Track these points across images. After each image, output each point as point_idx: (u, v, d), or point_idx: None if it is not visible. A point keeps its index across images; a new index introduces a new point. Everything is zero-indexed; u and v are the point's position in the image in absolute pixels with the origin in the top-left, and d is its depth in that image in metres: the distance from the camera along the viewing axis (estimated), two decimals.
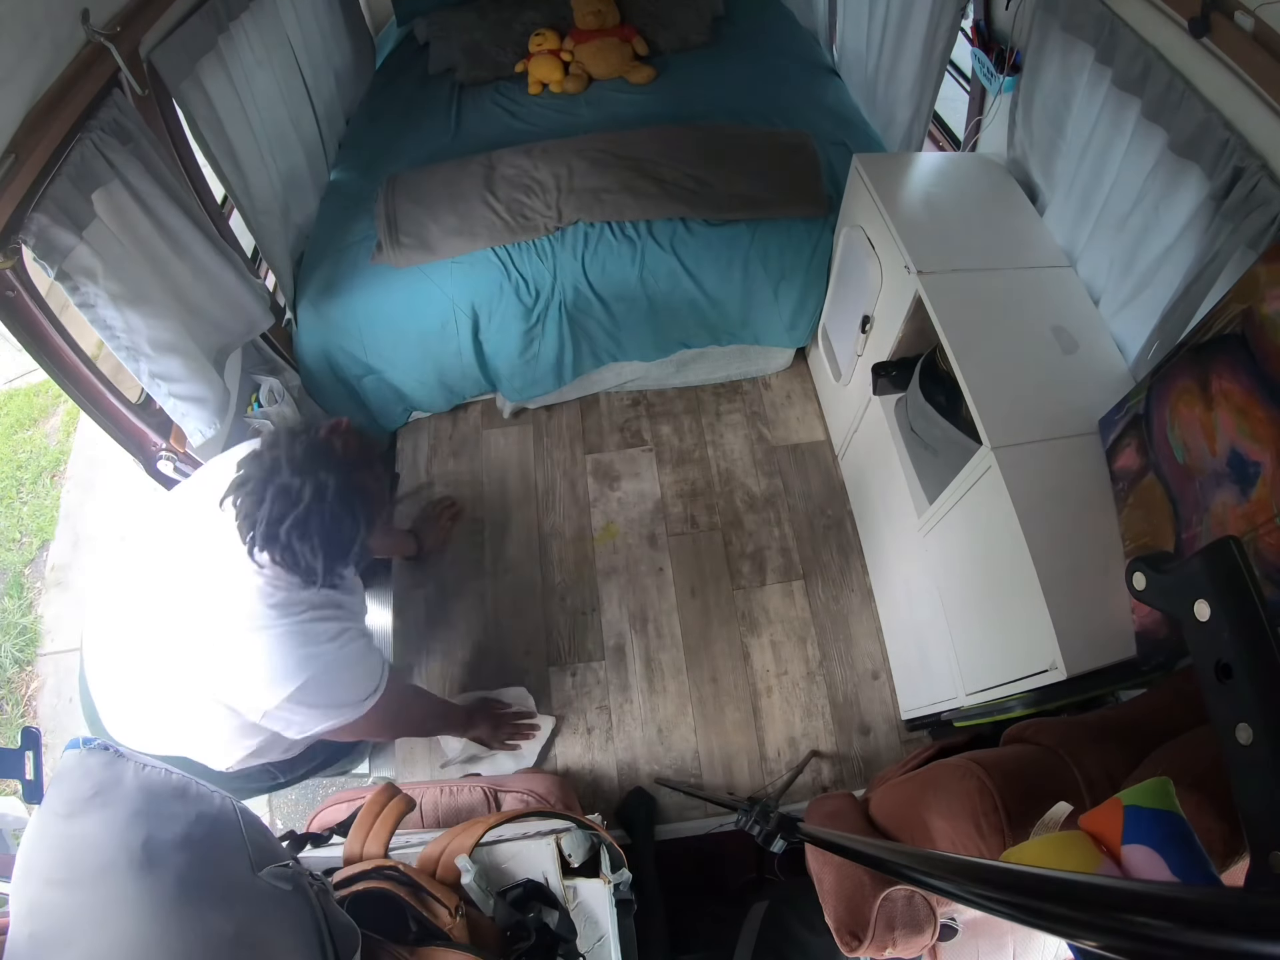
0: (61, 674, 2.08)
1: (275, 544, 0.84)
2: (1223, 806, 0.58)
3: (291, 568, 0.87)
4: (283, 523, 0.83)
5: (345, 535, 0.88)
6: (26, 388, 2.78)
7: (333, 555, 0.87)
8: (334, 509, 0.85)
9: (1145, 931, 0.26)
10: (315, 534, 0.85)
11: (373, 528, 0.91)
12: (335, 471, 0.86)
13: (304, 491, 0.84)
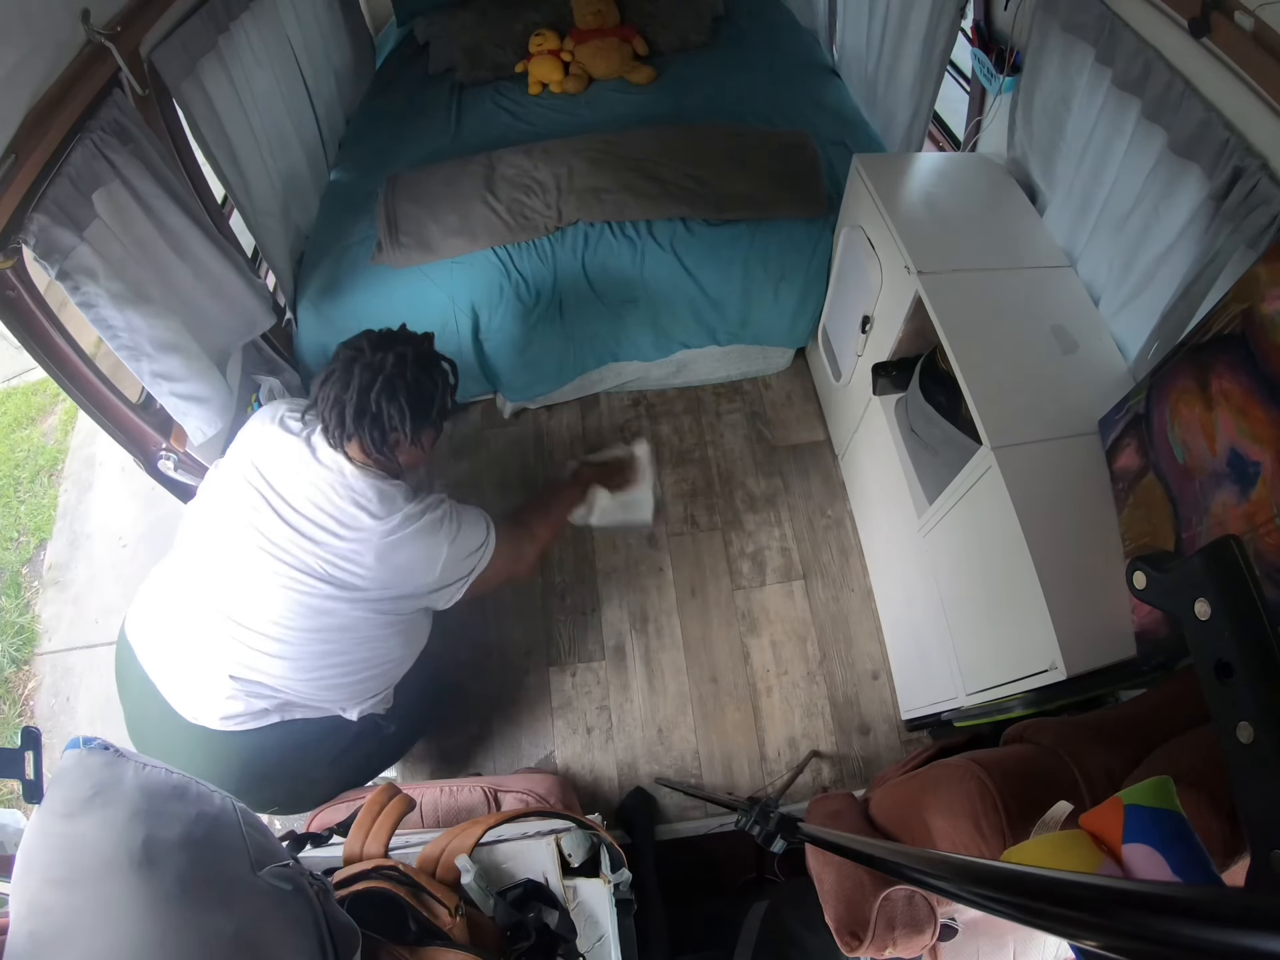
0: (59, 673, 2.08)
1: (365, 416, 0.97)
2: (1223, 805, 0.58)
3: (379, 441, 0.99)
4: (371, 390, 0.97)
5: (427, 394, 1.02)
6: (24, 386, 2.78)
7: (418, 416, 1.01)
8: (414, 373, 1.01)
9: (1146, 931, 0.26)
10: (401, 393, 0.99)
11: (449, 394, 1.07)
12: (410, 344, 1.03)
13: (387, 360, 0.99)
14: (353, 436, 0.99)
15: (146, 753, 0.96)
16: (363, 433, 0.98)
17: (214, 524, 1.02)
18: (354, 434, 0.99)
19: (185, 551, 1.04)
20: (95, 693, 2.04)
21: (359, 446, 1.00)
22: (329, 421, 0.99)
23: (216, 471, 1.08)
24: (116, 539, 2.29)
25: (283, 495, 0.99)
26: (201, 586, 1.00)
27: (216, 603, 0.98)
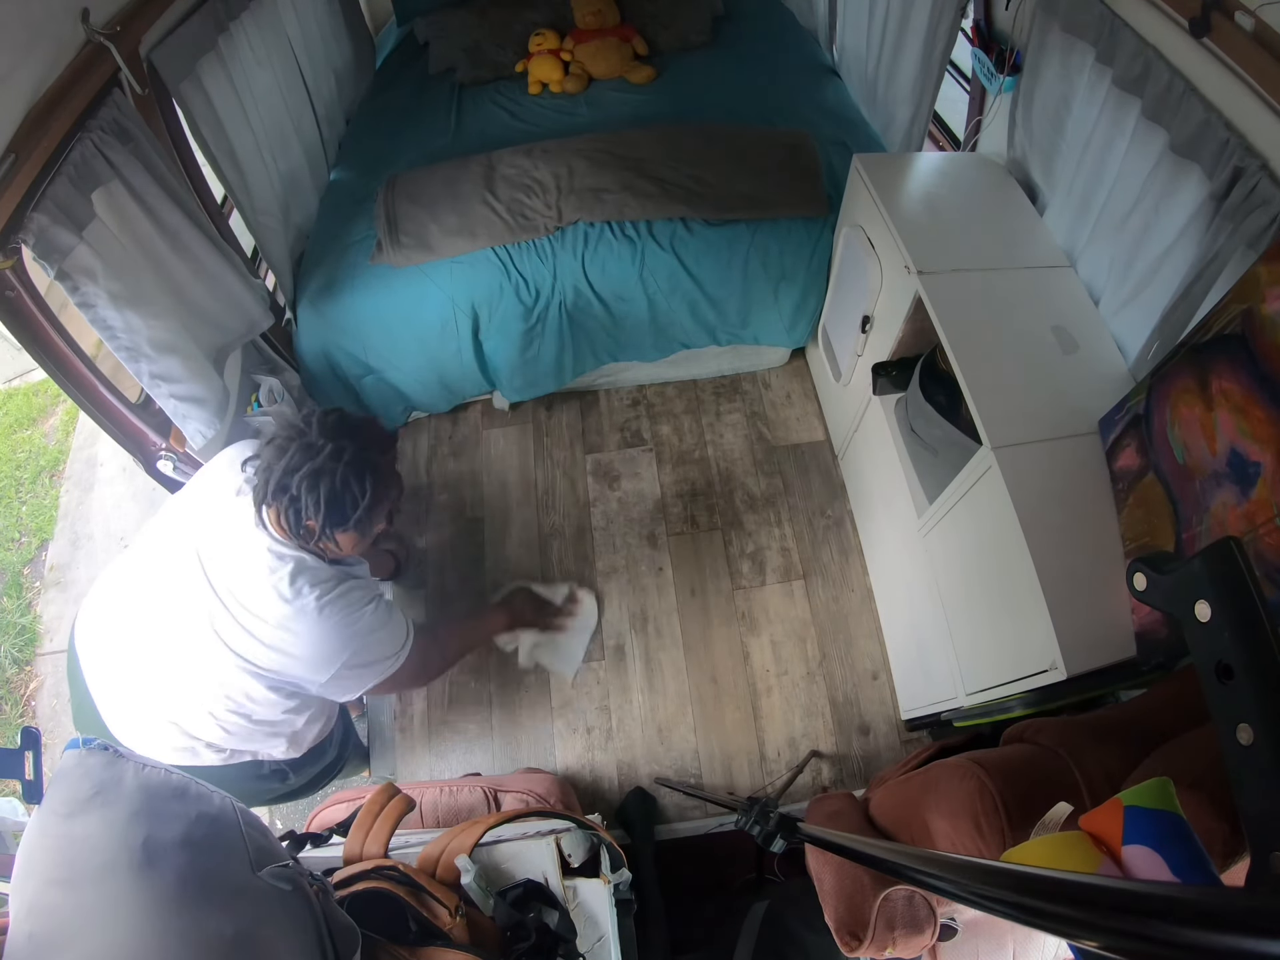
0: (60, 674, 2.08)
1: (284, 494, 0.93)
2: (1223, 807, 0.58)
3: (293, 523, 0.94)
4: (296, 473, 0.93)
5: (348, 500, 0.96)
6: (25, 387, 2.78)
7: (333, 516, 0.95)
8: (345, 473, 0.95)
9: (1146, 931, 0.26)
10: (322, 489, 0.94)
11: (376, 507, 0.99)
12: (355, 442, 0.97)
13: (324, 450, 0.95)
14: (270, 507, 0.95)
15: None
16: (280, 508, 0.94)
17: (159, 563, 1.00)
18: (272, 505, 0.95)
19: (133, 575, 1.02)
20: None
21: (275, 519, 0.96)
22: (255, 483, 0.96)
23: (177, 502, 1.05)
24: (118, 540, 2.29)
25: (214, 561, 0.97)
26: (138, 625, 0.99)
27: (151, 645, 0.97)
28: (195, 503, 1.02)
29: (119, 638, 0.99)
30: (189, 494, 1.05)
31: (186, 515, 1.01)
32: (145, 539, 1.04)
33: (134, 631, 0.98)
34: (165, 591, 0.97)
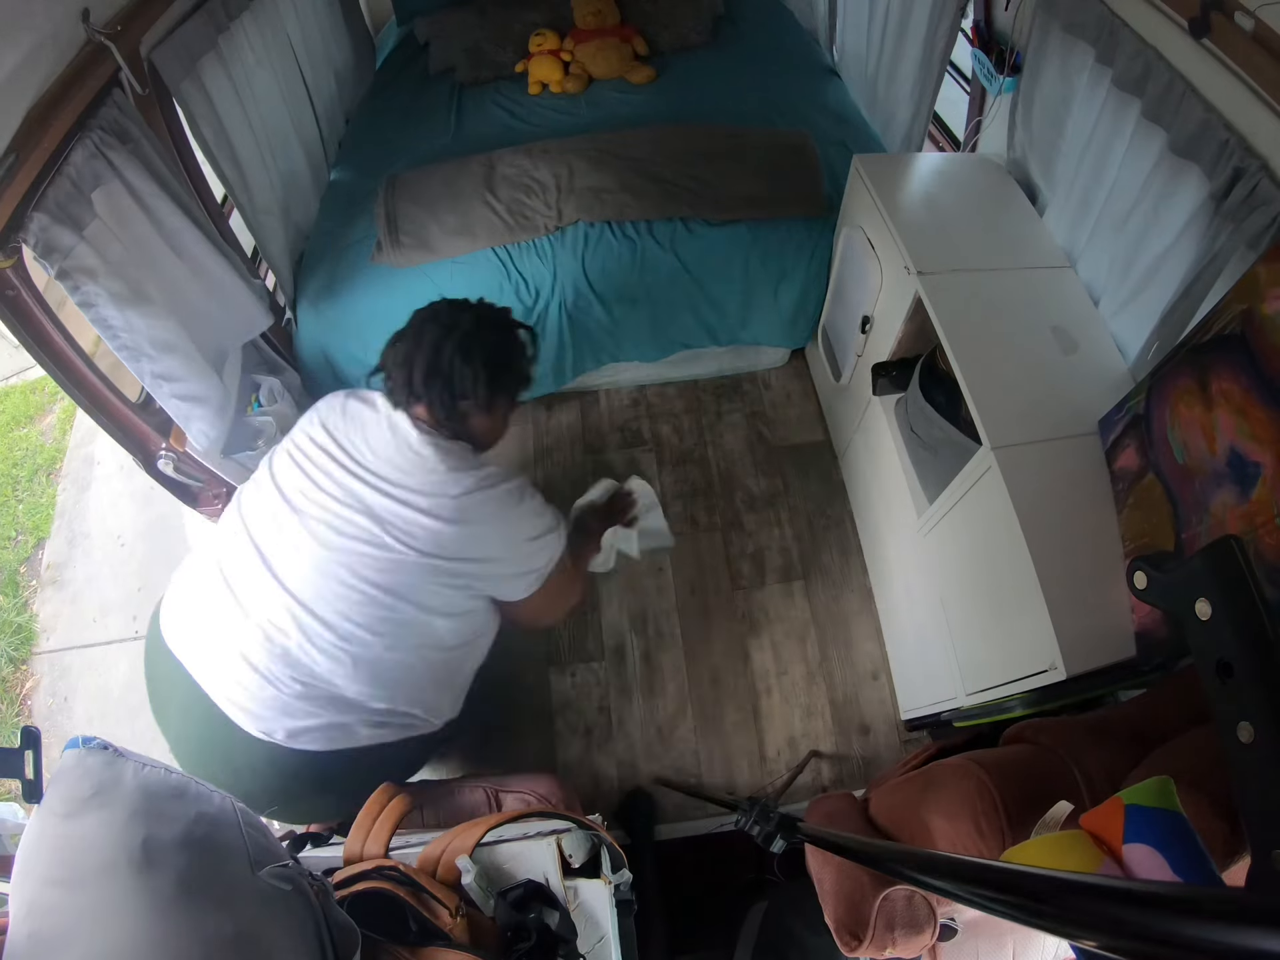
0: (57, 673, 2.08)
1: (437, 375, 0.89)
2: (1223, 806, 0.58)
3: (448, 406, 0.90)
4: (444, 347, 0.89)
5: (504, 357, 0.94)
6: (22, 385, 2.78)
7: (495, 379, 0.92)
8: (493, 333, 0.93)
9: (1145, 931, 0.26)
10: (477, 354, 0.90)
11: (525, 367, 0.97)
12: (485, 309, 0.96)
13: (463, 318, 0.92)
14: (420, 398, 0.91)
15: (200, 766, 0.92)
16: (432, 395, 0.90)
17: (272, 513, 0.92)
18: (422, 395, 0.90)
19: (235, 545, 0.94)
20: (93, 692, 2.03)
21: (427, 411, 0.92)
22: (396, 381, 0.91)
23: (273, 459, 0.99)
24: (115, 538, 2.29)
25: (352, 459, 0.91)
26: (255, 583, 0.91)
27: (277, 600, 0.89)
28: (305, 442, 0.95)
29: (237, 617, 0.90)
30: (292, 444, 0.97)
31: (297, 457, 0.94)
32: (247, 515, 0.95)
33: (257, 594, 0.90)
34: (296, 536, 0.90)
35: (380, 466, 0.90)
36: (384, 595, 0.89)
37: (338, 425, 0.95)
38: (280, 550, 0.91)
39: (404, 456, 0.90)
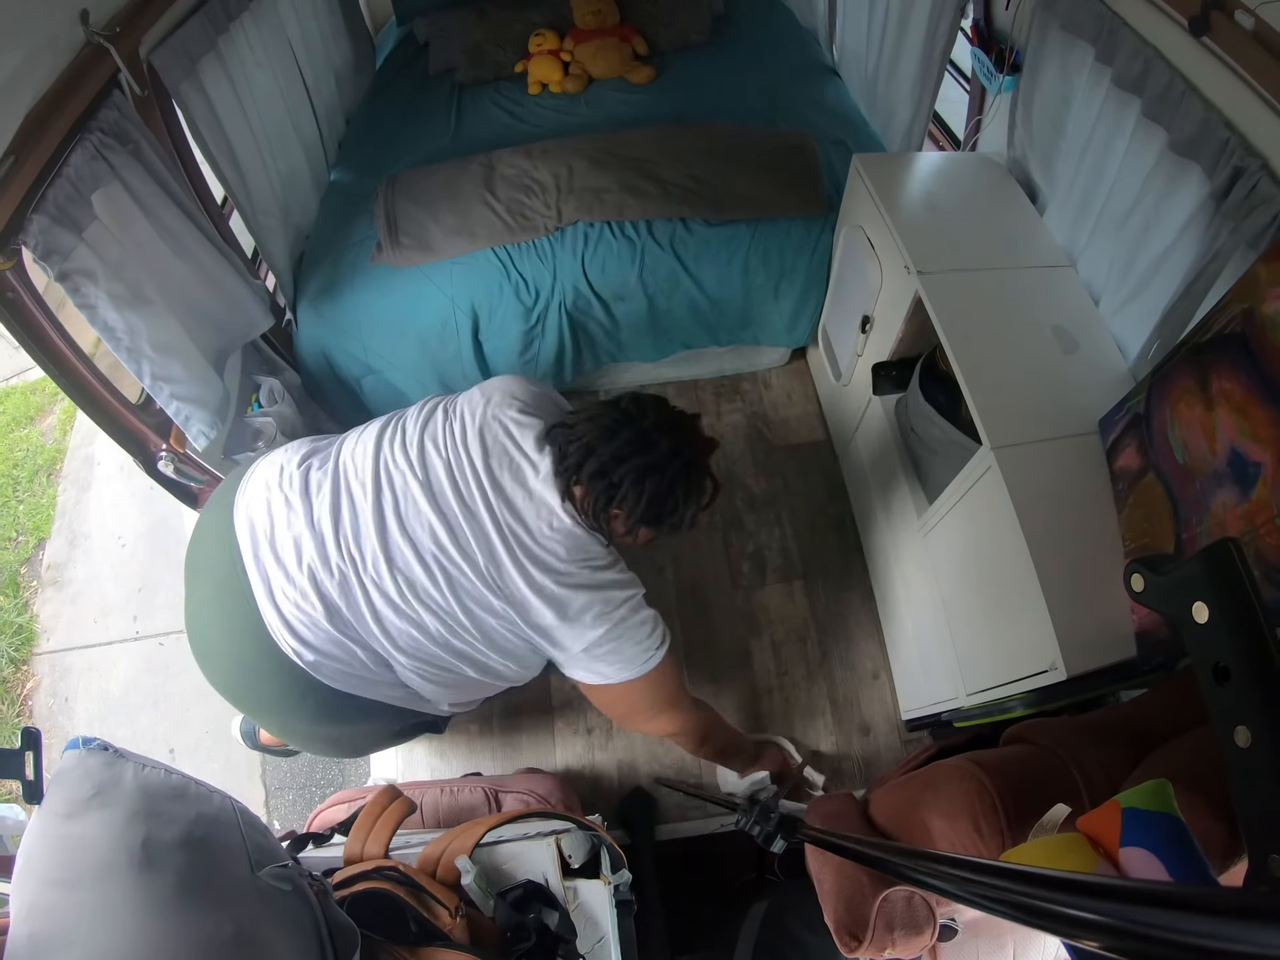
0: (57, 674, 2.08)
1: (603, 479, 0.89)
2: (1221, 809, 0.58)
3: (597, 508, 0.90)
4: (624, 463, 0.89)
5: (670, 502, 0.92)
6: (22, 385, 2.78)
7: (648, 514, 0.91)
8: (675, 475, 0.91)
9: (1145, 931, 0.26)
10: (648, 486, 0.90)
11: (691, 512, 0.96)
12: (691, 444, 0.94)
13: (658, 447, 0.90)
14: (580, 485, 0.91)
15: (206, 650, 0.97)
16: (592, 490, 0.90)
17: (402, 473, 0.93)
18: (585, 485, 0.91)
19: (357, 481, 0.94)
20: (94, 693, 2.04)
21: (581, 496, 0.92)
22: (569, 455, 0.91)
23: (423, 411, 1.01)
24: (115, 539, 2.30)
25: (496, 488, 0.92)
26: (361, 523, 0.91)
27: (371, 546, 0.90)
28: (460, 423, 0.96)
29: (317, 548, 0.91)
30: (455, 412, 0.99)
31: (447, 433, 0.95)
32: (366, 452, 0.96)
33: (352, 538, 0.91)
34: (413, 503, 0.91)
35: (520, 523, 0.91)
36: (462, 615, 0.92)
37: (493, 445, 0.95)
38: (397, 512, 0.92)
39: (548, 527, 0.92)
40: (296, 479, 0.96)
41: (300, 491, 0.94)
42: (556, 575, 0.91)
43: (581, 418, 0.94)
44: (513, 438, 0.95)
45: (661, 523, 0.94)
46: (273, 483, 0.97)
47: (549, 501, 0.92)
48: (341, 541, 0.91)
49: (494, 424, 0.97)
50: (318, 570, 0.90)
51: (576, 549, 0.92)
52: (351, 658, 0.92)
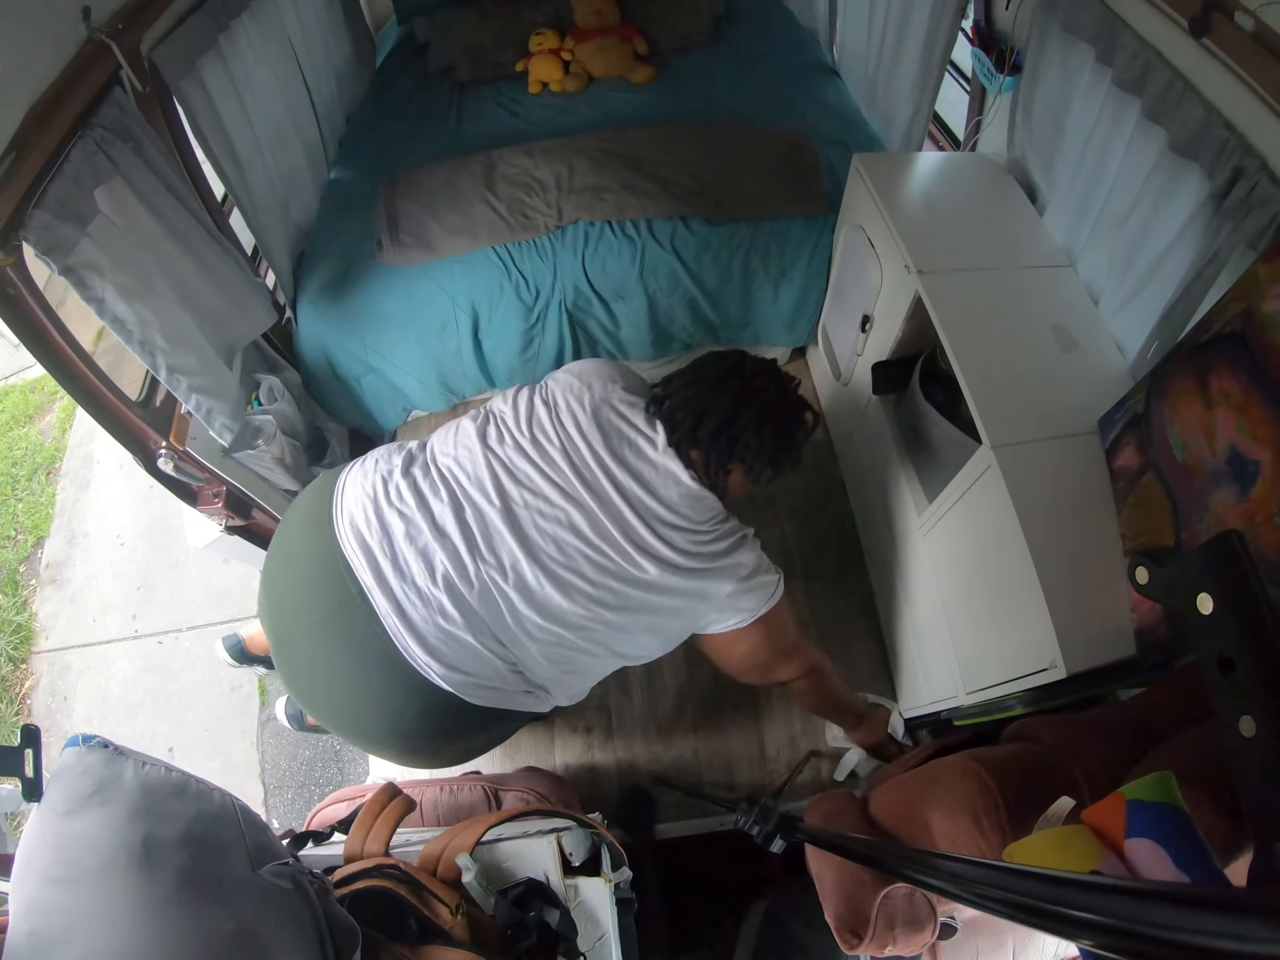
0: (56, 672, 2.08)
1: (724, 434, 0.95)
2: (1224, 802, 0.58)
3: (718, 464, 0.96)
4: (742, 412, 0.96)
5: (793, 436, 1.01)
6: (21, 384, 2.78)
7: (778, 453, 0.99)
8: (791, 410, 1.00)
9: (1146, 931, 0.26)
10: (770, 427, 0.97)
11: (807, 440, 1.04)
12: (789, 380, 1.02)
13: (769, 388, 0.98)
14: (700, 447, 0.96)
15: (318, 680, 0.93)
16: (713, 450, 0.95)
17: (526, 472, 0.93)
18: (704, 447, 0.95)
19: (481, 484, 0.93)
20: (93, 691, 2.03)
21: (701, 459, 0.97)
22: (681, 423, 0.95)
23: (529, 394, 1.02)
24: (114, 537, 2.29)
25: (616, 470, 0.94)
26: (490, 528, 0.90)
27: (507, 550, 0.89)
28: (575, 404, 0.97)
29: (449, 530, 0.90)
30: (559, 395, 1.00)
31: (564, 417, 0.97)
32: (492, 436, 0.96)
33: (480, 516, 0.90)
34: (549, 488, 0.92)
35: (651, 495, 0.94)
36: (612, 599, 0.93)
37: (608, 424, 0.97)
38: (529, 511, 0.92)
39: (676, 496, 0.95)
40: (406, 492, 0.93)
41: (416, 505, 0.92)
42: (693, 535, 0.95)
43: (679, 385, 1.00)
44: (625, 418, 0.98)
45: (784, 462, 1.02)
46: (376, 495, 0.94)
47: (673, 470, 0.95)
48: (476, 550, 0.90)
49: (604, 408, 0.99)
50: (455, 581, 0.88)
51: (704, 508, 0.97)
52: (489, 668, 0.90)
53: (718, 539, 0.97)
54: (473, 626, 0.88)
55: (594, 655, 0.98)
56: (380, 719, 0.92)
